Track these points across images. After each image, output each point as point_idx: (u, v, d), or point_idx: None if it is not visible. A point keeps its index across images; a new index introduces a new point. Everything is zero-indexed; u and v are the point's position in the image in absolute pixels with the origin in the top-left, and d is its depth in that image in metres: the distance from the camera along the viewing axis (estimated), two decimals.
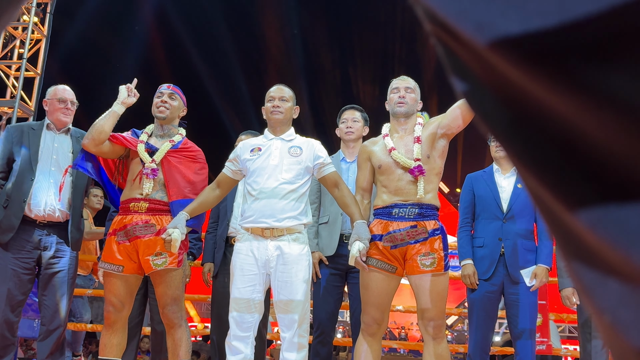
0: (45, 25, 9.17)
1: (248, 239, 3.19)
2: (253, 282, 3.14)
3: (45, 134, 3.93)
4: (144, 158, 3.45)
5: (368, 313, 3.19)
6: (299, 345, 3.11)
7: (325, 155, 3.33)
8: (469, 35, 0.29)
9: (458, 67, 0.32)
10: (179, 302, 3.40)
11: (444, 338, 3.17)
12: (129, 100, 3.56)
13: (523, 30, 0.27)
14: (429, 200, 3.18)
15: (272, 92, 3.40)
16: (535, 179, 0.31)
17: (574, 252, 0.31)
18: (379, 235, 3.17)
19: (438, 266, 3.10)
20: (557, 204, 0.30)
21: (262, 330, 4.00)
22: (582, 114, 0.27)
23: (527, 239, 3.95)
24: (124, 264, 3.35)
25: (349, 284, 4.02)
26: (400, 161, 3.21)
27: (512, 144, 0.32)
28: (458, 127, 3.23)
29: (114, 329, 3.35)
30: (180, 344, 3.37)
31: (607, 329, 0.30)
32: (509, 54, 0.28)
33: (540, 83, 0.28)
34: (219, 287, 4.20)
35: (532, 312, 3.91)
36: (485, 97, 0.32)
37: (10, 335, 3.75)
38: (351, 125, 4.05)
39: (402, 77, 3.42)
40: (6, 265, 3.74)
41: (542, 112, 0.29)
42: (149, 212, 3.40)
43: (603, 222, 0.28)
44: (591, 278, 0.30)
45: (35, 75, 8.96)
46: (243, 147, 3.38)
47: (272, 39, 25.71)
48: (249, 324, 3.12)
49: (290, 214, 3.14)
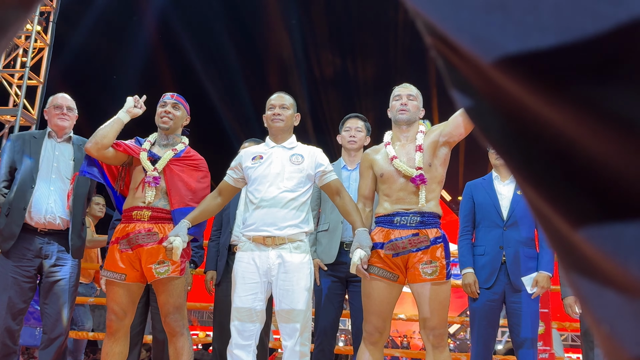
0: (47, 34, 9.21)
1: (250, 247, 3.19)
2: (254, 290, 3.13)
3: (46, 142, 3.97)
4: (146, 166, 3.46)
5: (370, 321, 3.18)
6: (301, 353, 3.10)
7: (327, 163, 3.33)
8: (469, 50, 0.29)
9: (458, 80, 0.33)
10: (181, 311, 3.39)
11: (446, 347, 3.15)
12: (134, 111, 3.58)
13: (522, 49, 0.27)
14: (431, 208, 3.18)
15: (272, 100, 3.41)
16: (535, 191, 0.31)
17: (572, 263, 0.31)
18: (380, 244, 3.16)
19: (440, 274, 3.09)
20: (556, 217, 0.31)
21: (264, 338, 3.99)
22: (581, 130, 0.28)
23: (529, 247, 3.94)
24: (126, 272, 3.36)
25: (350, 292, 4.01)
26: (402, 170, 3.20)
27: (512, 157, 0.32)
28: (460, 135, 3.22)
29: (116, 338, 3.35)
30: (182, 352, 3.36)
31: (605, 339, 0.30)
32: (509, 70, 0.28)
33: (540, 99, 0.28)
34: (221, 296, 4.19)
35: (534, 320, 3.89)
36: (485, 111, 0.32)
37: (11, 343, 3.74)
38: (354, 135, 4.05)
39: (405, 84, 3.42)
40: (7, 273, 3.75)
41: (542, 127, 0.29)
42: (152, 220, 3.40)
43: (601, 235, 0.29)
44: (589, 289, 0.30)
45: (37, 83, 8.99)
46: (244, 155, 3.38)
47: (275, 46, 25.77)
48: (250, 333, 3.12)
49: (292, 222, 3.14)
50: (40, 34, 9.06)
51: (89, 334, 5.50)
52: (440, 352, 3.11)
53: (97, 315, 6.13)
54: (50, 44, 9.19)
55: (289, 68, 25.94)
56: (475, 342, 3.97)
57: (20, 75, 8.88)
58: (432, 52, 0.34)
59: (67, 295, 3.81)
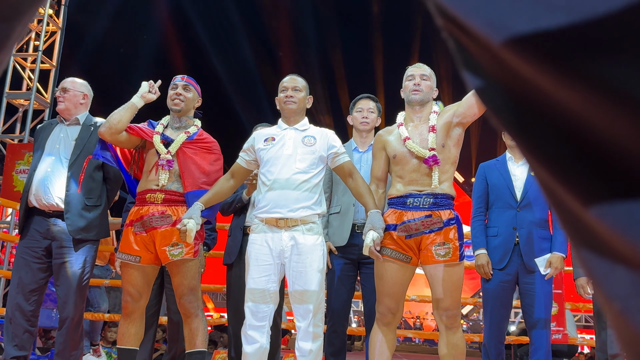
0: (60, 18, 9.21)
1: (262, 229, 3.20)
2: (268, 272, 3.15)
3: (56, 127, 4.07)
4: (160, 149, 3.48)
5: (383, 303, 3.19)
6: (314, 334, 3.12)
7: (340, 145, 3.32)
8: (480, 32, 0.29)
9: (469, 62, 0.33)
10: (196, 292, 3.43)
11: (459, 327, 3.16)
12: (148, 96, 3.59)
13: (533, 29, 0.27)
14: (444, 189, 3.16)
15: (285, 83, 3.40)
16: (546, 171, 0.31)
17: (584, 241, 0.32)
18: (393, 225, 3.16)
19: (453, 256, 3.09)
20: (568, 196, 0.31)
21: (277, 319, 4.02)
22: (592, 109, 0.28)
23: (542, 228, 3.92)
24: (141, 254, 3.39)
25: (362, 274, 4.01)
26: (415, 151, 3.19)
27: (524, 137, 0.32)
28: (474, 116, 3.20)
29: (132, 319, 3.39)
30: (197, 333, 3.40)
31: (616, 316, 0.30)
32: (520, 51, 0.28)
33: (551, 80, 0.28)
34: (235, 277, 4.22)
35: (547, 301, 3.89)
36: (496, 92, 0.32)
37: (27, 324, 3.80)
38: (367, 116, 4.03)
39: (418, 64, 3.39)
40: (19, 254, 3.85)
41: (553, 107, 0.29)
42: (165, 203, 3.42)
43: (612, 213, 0.29)
44: (601, 267, 0.31)
45: (50, 67, 9.01)
46: (257, 136, 3.38)
47: (286, 28, 25.65)
48: (264, 314, 3.14)
49: (304, 204, 3.14)
50: (52, 18, 9.06)
51: (105, 315, 5.57)
52: (453, 333, 3.12)
53: (112, 296, 6.19)
54: (62, 27, 9.20)
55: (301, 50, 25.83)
56: (489, 323, 3.98)
57: (33, 59, 8.91)
58: (443, 33, 0.34)
59: (74, 277, 3.81)
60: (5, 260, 6.25)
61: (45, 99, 8.94)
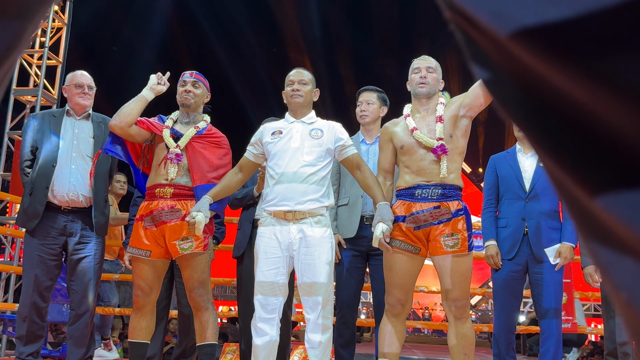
0: (65, 14, 9.22)
1: (271, 222, 3.21)
2: (277, 265, 3.16)
3: (65, 121, 4.01)
4: (169, 143, 3.49)
5: (392, 294, 3.20)
6: (324, 326, 3.13)
7: (347, 137, 3.32)
8: (487, 24, 0.30)
9: (477, 54, 0.33)
10: (206, 286, 3.44)
11: (468, 318, 3.17)
12: (158, 88, 3.60)
13: (539, 21, 0.28)
14: (452, 180, 3.16)
15: (291, 76, 3.40)
16: (554, 162, 0.32)
17: (591, 232, 0.32)
18: (402, 217, 3.16)
19: (462, 247, 3.09)
20: (575, 186, 0.31)
21: (287, 311, 4.04)
22: (598, 101, 0.28)
23: (551, 218, 3.92)
24: (151, 248, 3.41)
25: (371, 266, 4.02)
26: (423, 141, 3.18)
27: (531, 129, 0.32)
28: (480, 106, 3.19)
29: (143, 313, 3.42)
30: (207, 326, 3.42)
31: (624, 306, 0.31)
32: (527, 44, 0.29)
33: (558, 71, 0.28)
34: (244, 270, 4.23)
35: (557, 291, 3.89)
36: (504, 84, 0.32)
37: (39, 320, 3.84)
38: (365, 109, 4.03)
39: (424, 56, 3.38)
40: (33, 251, 3.83)
41: (560, 99, 0.29)
42: (174, 197, 3.44)
43: (619, 203, 0.29)
44: (608, 257, 0.31)
45: (57, 63, 9.02)
46: (264, 130, 3.39)
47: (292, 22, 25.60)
48: (273, 306, 3.15)
49: (312, 196, 3.15)
50: (58, 14, 9.08)
51: (115, 309, 5.60)
52: (462, 324, 3.12)
53: (122, 291, 6.22)
54: (68, 23, 9.21)
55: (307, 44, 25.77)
56: (498, 313, 3.99)
57: (39, 56, 8.92)
58: (451, 26, 0.35)
59: (92, 272, 3.87)
60: (16, 256, 6.29)
61: (53, 95, 8.96)
